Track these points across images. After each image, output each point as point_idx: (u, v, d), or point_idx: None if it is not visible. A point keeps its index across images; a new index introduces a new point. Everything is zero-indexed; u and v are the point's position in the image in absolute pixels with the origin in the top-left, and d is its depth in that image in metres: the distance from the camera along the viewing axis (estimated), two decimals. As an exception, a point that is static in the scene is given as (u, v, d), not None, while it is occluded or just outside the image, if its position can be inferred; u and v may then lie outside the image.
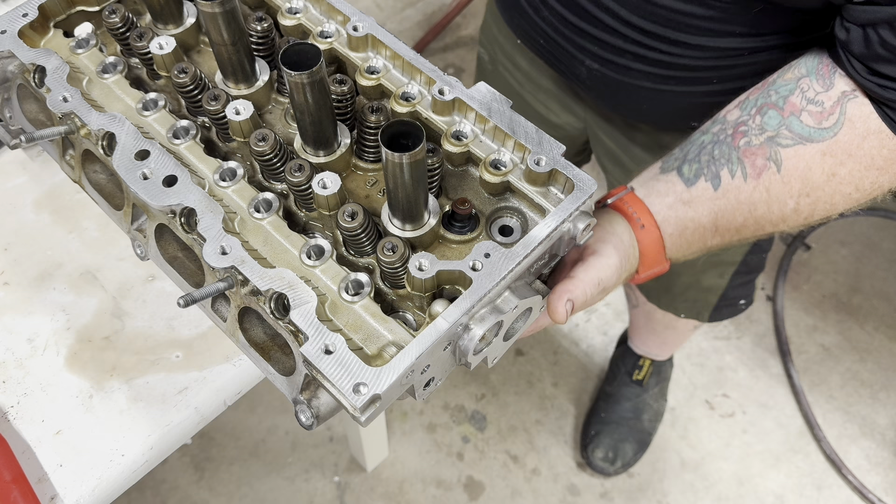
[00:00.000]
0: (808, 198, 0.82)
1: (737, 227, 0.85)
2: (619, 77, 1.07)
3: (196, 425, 0.89)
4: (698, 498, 2.04)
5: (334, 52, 0.79)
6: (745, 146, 0.84)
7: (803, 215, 0.84)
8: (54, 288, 0.96)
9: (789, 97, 0.83)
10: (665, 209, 0.84)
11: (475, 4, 2.95)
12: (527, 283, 0.69)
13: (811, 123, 0.81)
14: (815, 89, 0.82)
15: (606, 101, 1.18)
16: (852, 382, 2.22)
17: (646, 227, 0.83)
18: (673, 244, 0.85)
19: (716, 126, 0.88)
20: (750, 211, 0.84)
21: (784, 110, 0.83)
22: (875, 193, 0.82)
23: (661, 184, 0.86)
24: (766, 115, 0.84)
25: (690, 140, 0.89)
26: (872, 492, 2.03)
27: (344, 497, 2.03)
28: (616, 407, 2.08)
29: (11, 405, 0.88)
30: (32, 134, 0.74)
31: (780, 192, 0.82)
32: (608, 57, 1.05)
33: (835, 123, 0.80)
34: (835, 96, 0.80)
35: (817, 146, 0.81)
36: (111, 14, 0.80)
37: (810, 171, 0.81)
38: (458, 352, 0.65)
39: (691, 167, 0.85)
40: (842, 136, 0.80)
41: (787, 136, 0.82)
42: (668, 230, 0.84)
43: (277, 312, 0.63)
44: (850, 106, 0.80)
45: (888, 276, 2.40)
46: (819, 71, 0.82)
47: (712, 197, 0.84)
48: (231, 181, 0.72)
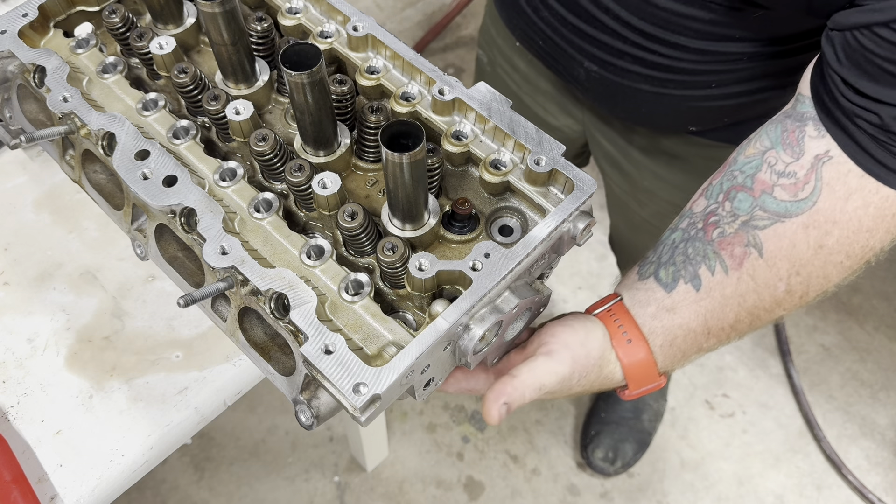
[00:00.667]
0: (799, 276, 0.77)
1: (730, 324, 0.79)
2: (618, 79, 1.06)
3: (196, 425, 0.89)
4: (698, 498, 2.04)
5: (334, 52, 0.79)
6: (720, 237, 0.78)
7: (797, 295, 0.78)
8: (54, 288, 0.96)
9: (757, 175, 0.78)
10: (649, 319, 0.78)
11: (475, 4, 2.95)
12: (527, 283, 0.69)
13: (786, 197, 0.75)
14: (783, 160, 0.76)
15: (605, 104, 1.17)
16: (852, 382, 2.22)
17: (633, 341, 0.78)
18: (665, 356, 0.79)
19: (684, 221, 0.83)
20: (740, 304, 0.78)
21: (754, 190, 0.77)
22: (867, 257, 0.77)
23: (641, 293, 0.80)
24: (736, 200, 0.78)
25: (662, 240, 0.84)
26: (872, 492, 2.03)
27: (344, 497, 2.03)
28: (616, 407, 2.08)
29: (11, 405, 0.88)
30: (32, 134, 0.74)
31: (768, 277, 0.77)
32: (607, 59, 1.04)
33: (812, 192, 0.74)
34: (807, 163, 0.75)
35: (798, 220, 0.75)
36: (111, 14, 0.80)
37: (795, 247, 0.75)
38: (458, 352, 0.65)
39: (667, 271, 0.80)
40: (822, 203, 0.74)
41: (763, 216, 0.76)
42: (657, 342, 0.78)
43: (277, 312, 0.63)
44: (825, 170, 0.74)
45: (888, 276, 2.40)
46: (785, 140, 0.77)
47: (696, 299, 0.78)
48: (231, 181, 0.72)
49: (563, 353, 0.74)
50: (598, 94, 1.13)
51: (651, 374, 0.79)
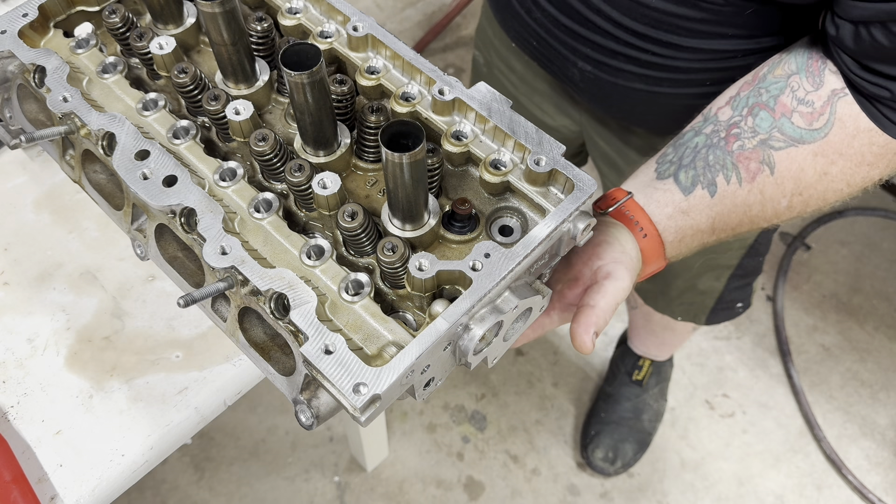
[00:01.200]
0: (801, 196, 0.84)
1: (732, 227, 0.87)
2: (612, 79, 1.07)
3: (196, 425, 0.89)
4: (698, 498, 2.04)
5: (334, 52, 0.79)
6: (739, 150, 0.85)
7: (796, 210, 0.86)
8: (54, 288, 0.96)
9: (780, 97, 0.84)
10: (665, 219, 0.85)
11: (475, 4, 2.96)
12: (527, 283, 0.69)
13: (802, 125, 0.82)
14: (805, 88, 0.83)
15: (600, 104, 1.18)
16: (852, 382, 2.22)
17: (648, 235, 0.84)
18: (672, 248, 0.86)
19: (708, 126, 0.88)
20: (745, 212, 0.86)
21: (775, 111, 0.84)
22: (865, 186, 0.84)
23: (660, 193, 0.86)
24: (758, 117, 0.84)
25: (683, 141, 0.89)
26: (872, 492, 2.03)
27: (344, 497, 2.03)
28: (616, 407, 2.08)
29: (11, 405, 0.88)
30: (32, 134, 0.74)
31: (774, 193, 0.84)
32: (600, 59, 1.05)
33: (825, 124, 0.81)
34: (825, 95, 0.81)
35: (809, 147, 0.82)
36: (111, 14, 0.80)
37: (802, 171, 0.83)
38: (458, 352, 0.65)
39: (687, 174, 0.86)
40: (832, 136, 0.81)
41: (779, 138, 0.83)
42: (669, 238, 0.85)
43: (277, 312, 0.63)
44: (839, 105, 0.81)
45: (888, 276, 2.40)
46: (809, 68, 0.83)
47: (710, 204, 0.85)
48: (231, 181, 0.72)
49: (619, 270, 0.79)
50: (593, 94, 1.14)
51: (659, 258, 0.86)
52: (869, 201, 2.53)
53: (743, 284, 1.47)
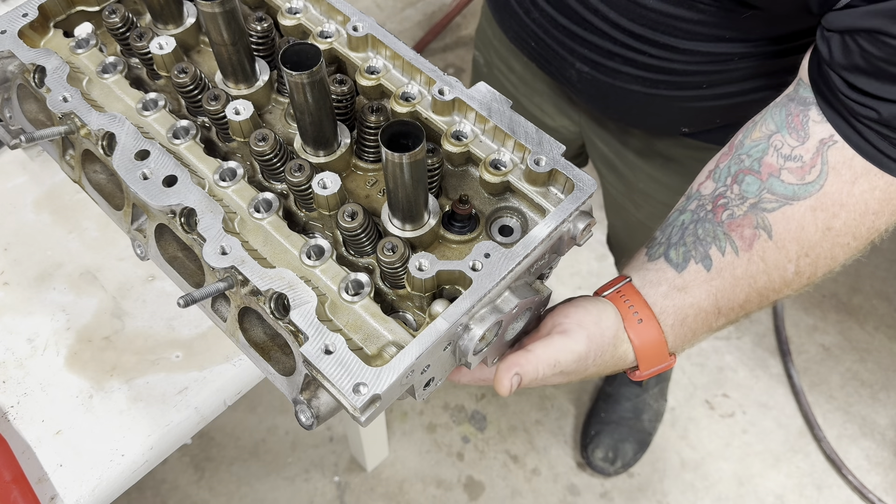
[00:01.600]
0: (808, 257, 0.78)
1: (740, 304, 0.80)
2: (609, 80, 1.06)
3: (196, 425, 0.89)
4: (698, 498, 2.04)
5: (334, 52, 0.79)
6: (729, 219, 0.80)
7: (806, 276, 0.79)
8: (54, 288, 0.96)
9: (763, 158, 0.79)
10: (661, 299, 0.79)
11: (475, 4, 2.96)
12: (527, 283, 0.69)
13: (793, 181, 0.77)
14: (789, 144, 0.78)
15: (597, 105, 1.17)
16: (852, 382, 2.22)
17: (644, 321, 0.78)
18: (675, 335, 0.80)
19: (692, 203, 0.84)
20: (750, 285, 0.79)
21: (761, 174, 0.79)
22: (872, 238, 0.79)
23: (652, 273, 0.81)
24: (744, 183, 0.79)
25: (669, 222, 0.85)
26: (872, 492, 2.03)
27: (344, 497, 2.03)
28: (616, 407, 2.08)
29: (11, 405, 0.88)
30: (32, 134, 0.74)
31: (778, 259, 0.78)
32: (598, 60, 1.04)
33: (819, 175, 0.76)
34: (812, 147, 0.76)
35: (805, 203, 0.77)
36: (111, 14, 0.80)
37: (804, 230, 0.77)
38: (458, 352, 0.65)
39: (678, 251, 0.81)
40: (829, 186, 0.76)
41: (771, 199, 0.78)
42: (668, 321, 0.79)
43: (277, 312, 0.63)
44: (831, 154, 0.75)
45: (888, 276, 2.40)
46: (790, 123, 0.78)
47: (707, 278, 0.79)
48: (231, 181, 0.72)
49: (578, 333, 0.74)
50: (591, 95, 1.13)
51: (662, 353, 0.79)
52: (869, 201, 2.53)
53: None
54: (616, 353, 0.78)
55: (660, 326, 0.78)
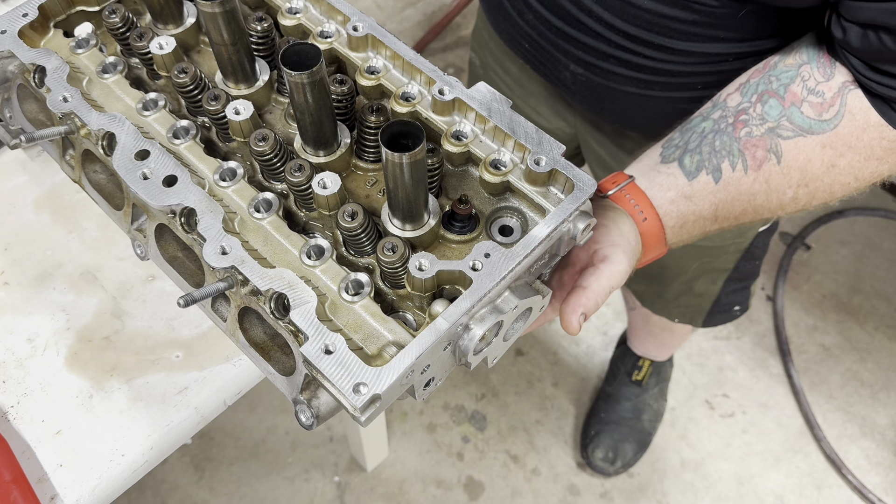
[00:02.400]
0: (807, 188, 0.83)
1: (735, 216, 0.86)
2: (604, 82, 1.06)
3: (196, 425, 0.89)
4: (698, 498, 2.04)
5: (334, 52, 0.79)
6: (746, 137, 0.83)
7: (801, 203, 0.85)
8: (54, 288, 0.96)
9: (790, 85, 0.83)
10: (667, 203, 0.84)
11: (475, 4, 2.95)
12: (527, 282, 0.69)
13: (812, 115, 0.81)
14: (815, 78, 0.81)
15: (592, 107, 1.17)
16: (852, 382, 2.22)
17: (648, 219, 0.83)
18: (673, 234, 0.85)
19: (716, 111, 0.87)
20: (749, 201, 0.84)
21: (785, 100, 0.82)
22: (873, 181, 0.83)
23: (663, 176, 0.85)
24: (767, 105, 0.83)
25: (690, 126, 0.88)
26: (872, 492, 2.03)
27: (344, 497, 2.03)
28: (616, 407, 2.08)
29: (11, 405, 0.88)
30: (32, 134, 0.74)
31: (780, 183, 0.83)
32: (592, 61, 1.04)
33: (835, 115, 0.80)
34: (835, 87, 0.80)
35: (817, 138, 0.81)
36: (111, 14, 0.80)
37: (810, 162, 0.81)
38: (458, 352, 0.65)
39: (692, 159, 0.85)
40: (842, 128, 0.80)
41: (788, 127, 0.82)
42: (670, 223, 0.84)
43: (277, 312, 0.63)
44: (850, 97, 0.79)
45: (888, 276, 2.40)
46: (820, 59, 0.82)
47: (713, 190, 0.84)
48: (231, 181, 0.72)
49: (616, 254, 0.78)
50: (585, 97, 1.13)
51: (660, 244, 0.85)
52: (869, 201, 2.53)
53: (740, 287, 1.46)
54: (639, 251, 0.83)
55: (661, 223, 0.83)
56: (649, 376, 2.07)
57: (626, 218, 0.82)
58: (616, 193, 0.84)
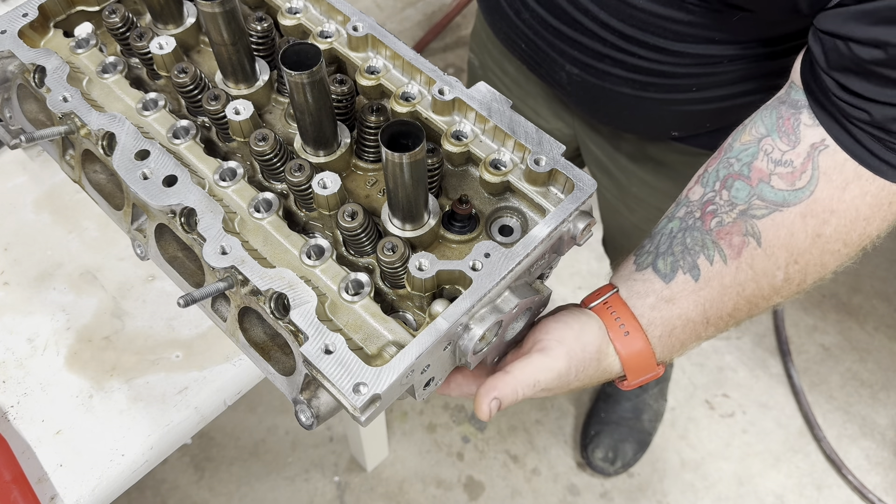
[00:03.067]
0: (797, 264, 0.77)
1: (729, 313, 0.79)
2: (599, 83, 1.05)
3: (196, 425, 0.89)
4: (698, 498, 2.04)
5: (334, 52, 0.79)
6: (718, 227, 0.78)
7: (795, 283, 0.78)
8: (54, 288, 0.96)
9: (753, 163, 0.77)
10: (648, 311, 0.78)
11: (475, 5, 2.95)
12: (527, 282, 0.69)
13: (784, 187, 0.75)
14: (780, 149, 0.76)
15: (588, 108, 1.16)
16: (852, 382, 2.22)
17: (630, 333, 0.77)
18: (663, 346, 0.79)
19: (681, 209, 0.83)
20: (738, 293, 0.78)
21: (751, 179, 0.77)
22: (863, 244, 0.78)
23: (639, 284, 0.80)
24: (733, 188, 0.78)
25: (658, 230, 0.84)
26: (872, 492, 2.03)
27: (344, 497, 2.03)
28: (616, 407, 2.08)
29: (11, 405, 0.88)
30: (32, 134, 0.74)
31: (766, 266, 0.77)
32: (587, 61, 1.03)
33: (809, 181, 0.74)
34: (804, 151, 0.75)
35: (795, 209, 0.75)
36: (111, 14, 0.80)
37: (793, 237, 0.76)
38: (458, 352, 0.65)
39: (666, 261, 0.80)
40: (819, 192, 0.74)
41: (760, 205, 0.76)
42: (656, 333, 0.78)
43: (277, 312, 0.63)
44: (822, 158, 0.74)
45: (888, 276, 2.40)
46: (780, 127, 0.77)
47: (695, 289, 0.78)
48: (231, 181, 0.72)
49: (558, 350, 0.73)
50: (581, 98, 1.12)
51: (649, 364, 0.79)
52: (869, 201, 2.53)
53: None
54: (600, 366, 0.77)
55: (647, 338, 0.78)
56: None
57: (595, 328, 0.77)
58: (597, 307, 0.79)
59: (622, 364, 0.78)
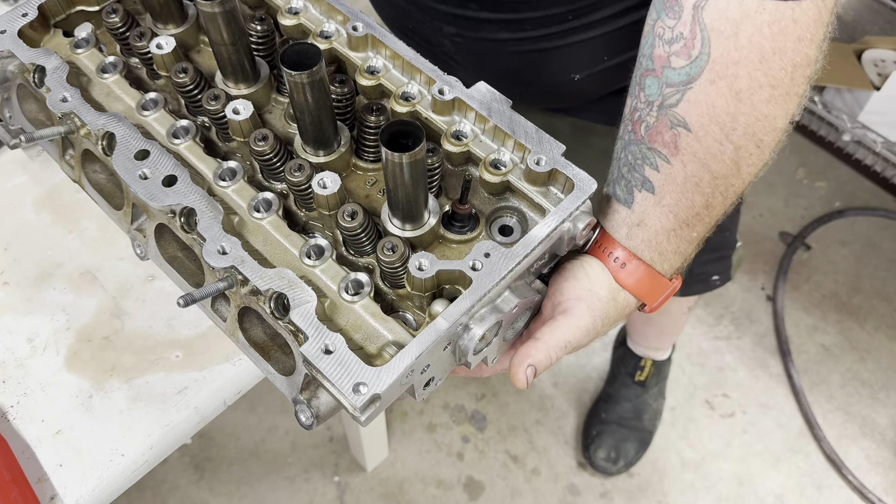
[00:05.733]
0: (737, 130, 0.71)
1: (703, 206, 0.75)
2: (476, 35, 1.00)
3: (196, 425, 0.89)
4: (698, 498, 2.04)
5: (334, 52, 0.79)
6: (647, 131, 0.75)
7: (752, 148, 0.73)
8: (54, 288, 0.96)
9: (653, 53, 0.73)
10: (627, 241, 0.77)
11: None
12: (527, 282, 0.69)
13: (683, 63, 0.71)
14: (668, 27, 0.71)
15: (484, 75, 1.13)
16: (852, 382, 2.22)
17: (626, 264, 0.76)
18: (662, 263, 0.77)
19: (620, 127, 0.80)
20: (697, 185, 0.74)
21: (656, 70, 0.73)
22: (797, 75, 0.70)
23: (610, 216, 0.78)
24: (647, 87, 0.74)
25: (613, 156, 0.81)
26: (872, 492, 2.03)
27: (344, 497, 2.03)
28: (616, 407, 2.08)
29: (11, 405, 0.88)
30: (32, 134, 0.74)
31: (708, 146, 0.72)
32: (458, 13, 0.99)
33: (703, 45, 0.69)
34: (688, 18, 0.70)
35: (701, 79, 0.70)
36: (111, 14, 0.80)
37: (714, 107, 0.70)
38: (458, 352, 0.65)
39: (621, 186, 0.78)
40: (715, 51, 0.69)
41: (672, 92, 0.72)
42: (647, 256, 0.77)
43: (277, 312, 0.63)
44: (705, 15, 0.69)
45: (888, 276, 2.40)
46: (665, 4, 0.72)
47: (656, 202, 0.76)
48: (231, 181, 0.72)
49: (579, 308, 0.73)
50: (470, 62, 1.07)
51: (660, 283, 0.77)
52: (869, 201, 2.53)
53: (715, 258, 1.41)
54: (618, 304, 0.77)
55: (642, 262, 0.76)
56: (651, 376, 2.07)
57: (599, 271, 0.76)
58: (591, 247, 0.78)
59: (633, 294, 0.77)
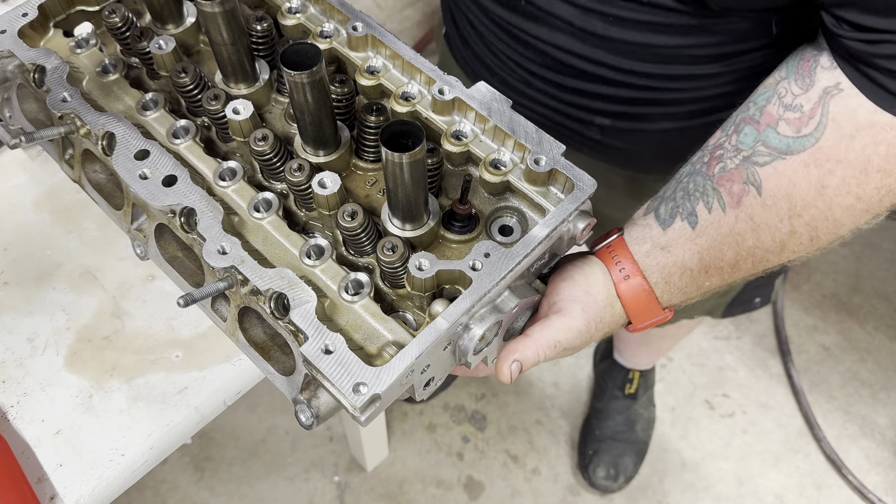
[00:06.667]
0: (801, 217, 0.72)
1: (730, 264, 0.76)
2: (634, 125, 1.01)
3: (196, 425, 0.89)
4: (698, 498, 2.04)
5: (334, 52, 0.79)
6: (721, 172, 0.75)
7: (805, 238, 0.74)
8: (54, 288, 0.96)
9: (766, 107, 0.74)
10: (644, 258, 0.76)
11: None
12: (527, 282, 0.69)
13: (789, 133, 0.72)
14: (793, 92, 0.72)
15: (628, 154, 1.10)
16: (852, 382, 2.22)
17: (631, 277, 0.75)
18: (661, 292, 0.77)
19: (697, 153, 0.80)
20: (738, 244, 0.75)
21: (760, 123, 0.74)
22: (887, 200, 0.71)
23: (639, 229, 0.78)
24: (742, 133, 0.75)
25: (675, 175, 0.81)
26: (872, 492, 2.02)
27: (344, 497, 2.03)
28: (609, 422, 2.06)
29: (11, 405, 0.88)
30: (32, 134, 0.74)
31: (767, 218, 0.73)
32: (619, 110, 0.99)
33: (816, 127, 0.70)
34: (815, 96, 0.71)
35: (798, 157, 0.71)
36: (111, 14, 0.80)
37: (795, 187, 0.71)
38: (458, 351, 0.65)
39: (667, 206, 0.78)
40: (825, 140, 0.70)
41: (764, 152, 0.73)
42: (653, 279, 0.76)
43: (277, 312, 0.63)
44: (833, 103, 0.69)
45: (888, 276, 2.40)
46: (799, 70, 0.73)
47: (691, 237, 0.75)
48: (231, 181, 0.72)
49: (573, 309, 0.72)
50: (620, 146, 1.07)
51: (653, 307, 0.77)
52: (869, 201, 2.53)
53: (764, 283, 1.42)
54: (614, 311, 0.76)
55: (647, 281, 0.76)
56: (639, 387, 2.07)
57: (600, 275, 0.76)
58: (600, 250, 0.78)
59: (624, 308, 0.77)
